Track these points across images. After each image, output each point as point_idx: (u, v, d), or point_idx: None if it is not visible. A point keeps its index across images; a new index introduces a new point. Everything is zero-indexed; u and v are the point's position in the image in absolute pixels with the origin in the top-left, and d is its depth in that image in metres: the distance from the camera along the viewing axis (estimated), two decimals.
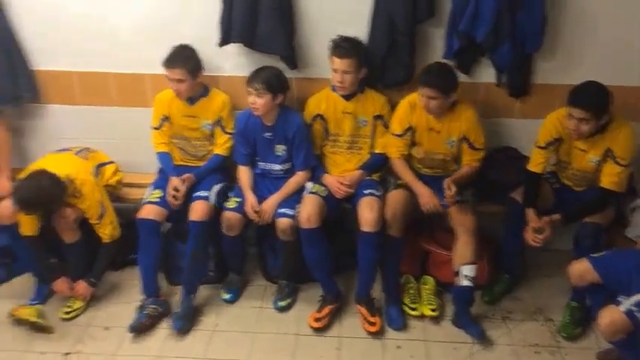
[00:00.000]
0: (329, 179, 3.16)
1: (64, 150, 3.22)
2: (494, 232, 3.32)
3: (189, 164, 3.30)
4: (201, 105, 3.19)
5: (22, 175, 2.92)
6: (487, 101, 3.32)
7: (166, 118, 3.22)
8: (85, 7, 3.26)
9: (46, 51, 3.36)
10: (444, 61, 3.15)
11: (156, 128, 3.25)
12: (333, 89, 3.13)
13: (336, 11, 3.15)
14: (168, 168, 3.24)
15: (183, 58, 3.03)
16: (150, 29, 3.27)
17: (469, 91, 3.24)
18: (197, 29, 3.21)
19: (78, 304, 3.14)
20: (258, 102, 2.98)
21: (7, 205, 2.98)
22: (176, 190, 3.11)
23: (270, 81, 2.98)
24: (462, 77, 3.16)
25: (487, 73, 3.26)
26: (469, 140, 3.05)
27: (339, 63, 2.98)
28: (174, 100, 3.17)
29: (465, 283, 2.95)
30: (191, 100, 3.17)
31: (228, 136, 3.22)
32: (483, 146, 3.08)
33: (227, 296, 3.25)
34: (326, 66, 3.11)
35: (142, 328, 2.98)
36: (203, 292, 3.25)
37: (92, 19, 3.28)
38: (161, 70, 3.05)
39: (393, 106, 3.17)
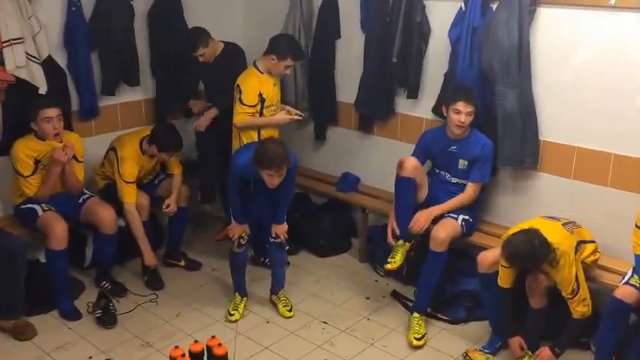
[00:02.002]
0: None
1: (552, 218, 3.32)
2: None
3: None
4: None
5: (513, 230, 3.12)
6: None
7: None
8: (605, 91, 3.34)
9: (556, 124, 3.56)
10: None
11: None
12: None
13: None
14: None
15: None
16: None
17: None
18: None
19: None
20: None
21: (493, 255, 3.24)
22: None
23: None
24: None
25: None
26: None
27: None
28: None
29: None
30: None
31: None
32: None
33: None
34: None
35: None
36: None
37: (609, 101, 3.34)
38: None
39: None
